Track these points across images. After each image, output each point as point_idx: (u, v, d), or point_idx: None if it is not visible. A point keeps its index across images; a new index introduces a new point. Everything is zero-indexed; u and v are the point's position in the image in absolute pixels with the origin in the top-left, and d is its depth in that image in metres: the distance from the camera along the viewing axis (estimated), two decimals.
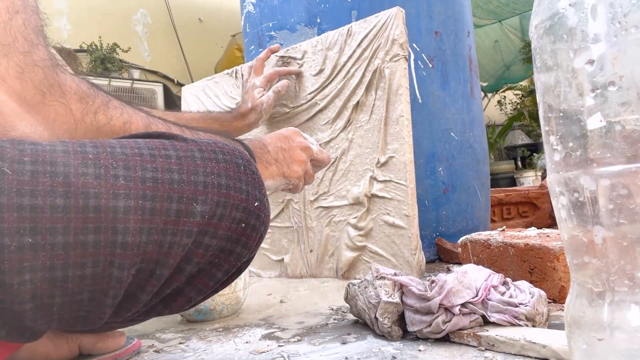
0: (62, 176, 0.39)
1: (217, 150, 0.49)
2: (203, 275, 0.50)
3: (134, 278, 0.44)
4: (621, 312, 0.34)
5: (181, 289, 0.50)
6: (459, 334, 0.59)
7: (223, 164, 0.48)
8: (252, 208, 0.50)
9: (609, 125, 0.33)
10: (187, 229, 0.45)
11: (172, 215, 0.44)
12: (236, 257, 0.51)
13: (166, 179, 0.44)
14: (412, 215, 0.99)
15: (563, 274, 0.74)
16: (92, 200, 0.40)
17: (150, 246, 0.43)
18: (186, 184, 0.45)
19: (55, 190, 0.39)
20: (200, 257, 0.47)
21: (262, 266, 1.28)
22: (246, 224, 0.49)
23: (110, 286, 0.42)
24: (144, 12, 3.86)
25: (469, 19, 1.48)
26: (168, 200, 0.44)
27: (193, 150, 0.47)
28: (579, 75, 0.35)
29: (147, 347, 0.69)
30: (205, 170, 0.47)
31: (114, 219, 0.41)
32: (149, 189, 0.43)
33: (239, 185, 0.49)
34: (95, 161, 0.42)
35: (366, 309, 0.67)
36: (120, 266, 0.42)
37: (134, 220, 0.42)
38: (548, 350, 0.51)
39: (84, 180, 0.40)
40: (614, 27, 0.33)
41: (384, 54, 1.03)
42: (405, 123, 1.00)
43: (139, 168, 0.43)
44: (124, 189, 0.42)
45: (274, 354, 0.62)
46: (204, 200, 0.46)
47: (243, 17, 1.54)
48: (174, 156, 0.46)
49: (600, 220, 0.34)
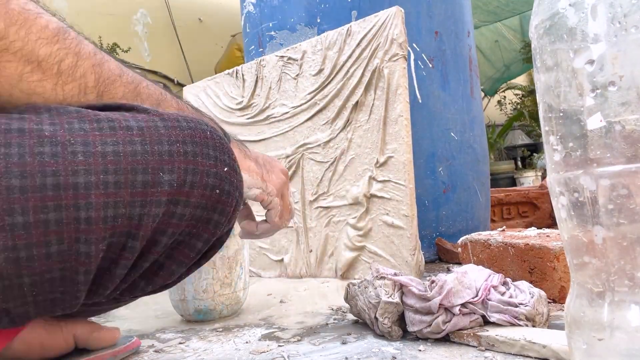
0: (16, 157, 0.39)
1: (181, 119, 0.48)
2: (183, 247, 0.50)
3: (106, 253, 0.44)
4: (621, 312, 0.34)
5: (161, 262, 0.50)
6: (459, 334, 0.59)
7: (188, 130, 0.47)
8: (222, 173, 0.49)
9: (609, 125, 0.33)
10: (155, 200, 0.44)
11: (139, 187, 0.44)
12: (214, 225, 0.50)
13: (128, 151, 0.43)
14: (411, 216, 0.99)
15: (563, 274, 0.74)
16: (49, 179, 0.40)
17: (119, 219, 0.43)
18: (150, 154, 0.44)
19: (10, 171, 0.39)
20: (175, 227, 0.47)
21: (262, 266, 1.28)
22: (220, 190, 0.49)
23: (79, 262, 0.42)
24: (144, 12, 3.86)
25: (469, 19, 1.48)
26: (132, 173, 0.43)
27: (155, 120, 0.46)
28: (579, 75, 0.35)
29: (147, 347, 0.69)
30: (169, 139, 0.46)
31: (75, 195, 0.41)
32: (110, 162, 0.42)
33: (206, 151, 0.48)
34: (51, 139, 0.41)
35: (366, 309, 0.67)
36: (86, 241, 0.42)
37: (96, 195, 0.42)
38: (548, 350, 0.51)
39: (40, 160, 0.40)
40: (614, 27, 0.33)
41: (383, 53, 1.03)
42: (404, 123, 1.00)
43: (99, 143, 0.43)
44: (83, 164, 0.41)
45: (274, 354, 0.62)
46: (171, 169, 0.45)
47: (243, 17, 1.54)
48: (135, 127, 0.45)
49: (600, 220, 0.34)
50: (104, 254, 0.44)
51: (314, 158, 1.16)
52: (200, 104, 1.42)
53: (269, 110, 1.26)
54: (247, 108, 1.31)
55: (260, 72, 1.28)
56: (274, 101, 1.25)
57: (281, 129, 1.23)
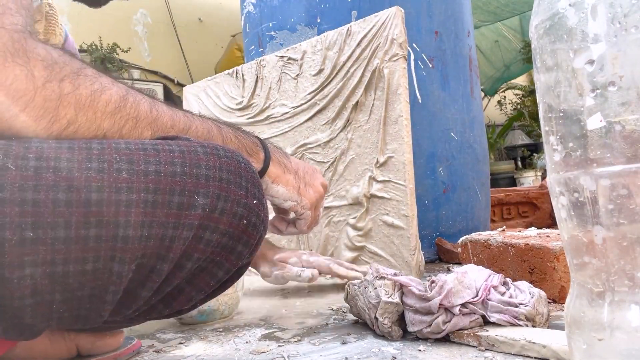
0: (65, 171, 0.40)
1: (219, 147, 0.49)
2: (205, 274, 0.50)
3: (134, 274, 0.44)
4: (621, 312, 0.34)
5: (182, 287, 0.50)
6: (459, 334, 0.59)
7: (225, 159, 0.48)
8: (251, 205, 0.50)
9: (609, 125, 0.33)
10: (188, 222, 0.45)
11: (174, 208, 0.44)
12: (237, 256, 0.50)
13: (169, 171, 0.44)
14: (411, 216, 0.99)
15: (563, 274, 0.74)
16: (94, 194, 0.40)
17: (151, 240, 0.43)
18: (188, 176, 0.45)
19: (58, 185, 0.39)
20: (200, 253, 0.47)
21: None
22: (247, 221, 0.49)
23: (110, 282, 0.42)
24: (144, 12, 3.86)
25: (469, 19, 1.48)
26: (170, 193, 0.44)
27: (195, 146, 0.48)
28: (579, 75, 0.35)
29: (147, 347, 0.69)
30: (207, 163, 0.47)
31: (116, 212, 0.41)
32: (151, 181, 0.43)
33: (239, 181, 0.49)
34: (99, 156, 0.42)
35: (366, 309, 0.67)
36: (121, 260, 0.42)
37: (136, 214, 0.42)
38: (548, 350, 0.51)
39: (87, 175, 0.40)
40: (614, 27, 0.33)
41: (383, 53, 1.03)
42: (404, 123, 1.00)
43: (142, 162, 0.43)
44: (126, 182, 0.42)
45: (274, 354, 0.62)
46: (206, 192, 0.46)
47: (243, 17, 1.54)
48: (176, 150, 0.46)
49: (600, 220, 0.34)
50: (133, 274, 0.44)
51: (314, 158, 1.16)
52: (200, 104, 1.42)
53: (269, 110, 1.26)
54: (247, 108, 1.31)
55: (260, 72, 1.28)
56: (274, 101, 1.25)
57: (281, 129, 1.23)
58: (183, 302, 0.52)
